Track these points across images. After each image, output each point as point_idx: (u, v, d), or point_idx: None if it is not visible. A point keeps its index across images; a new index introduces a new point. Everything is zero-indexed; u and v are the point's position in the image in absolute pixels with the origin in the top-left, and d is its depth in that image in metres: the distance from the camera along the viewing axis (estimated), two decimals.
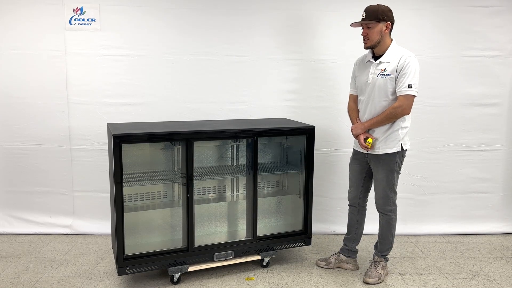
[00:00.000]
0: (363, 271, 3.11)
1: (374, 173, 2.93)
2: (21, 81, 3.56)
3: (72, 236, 3.70)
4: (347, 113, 3.14)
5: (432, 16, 3.66)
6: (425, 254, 3.47)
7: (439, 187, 3.88)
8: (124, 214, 2.72)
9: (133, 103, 3.62)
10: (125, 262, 2.74)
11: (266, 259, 3.15)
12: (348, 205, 3.22)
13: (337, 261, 3.20)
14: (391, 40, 2.86)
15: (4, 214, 3.75)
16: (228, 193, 3.40)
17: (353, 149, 3.11)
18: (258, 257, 3.10)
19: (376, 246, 3.09)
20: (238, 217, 3.34)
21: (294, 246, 3.23)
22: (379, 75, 2.77)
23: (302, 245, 3.26)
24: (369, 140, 2.83)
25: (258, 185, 3.12)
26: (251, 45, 3.65)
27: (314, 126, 3.20)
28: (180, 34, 3.59)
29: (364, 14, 2.78)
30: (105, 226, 3.68)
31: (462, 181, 3.88)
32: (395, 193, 2.94)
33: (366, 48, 2.85)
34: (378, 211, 2.98)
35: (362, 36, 2.83)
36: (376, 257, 3.05)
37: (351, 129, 2.96)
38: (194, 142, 2.84)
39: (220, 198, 3.37)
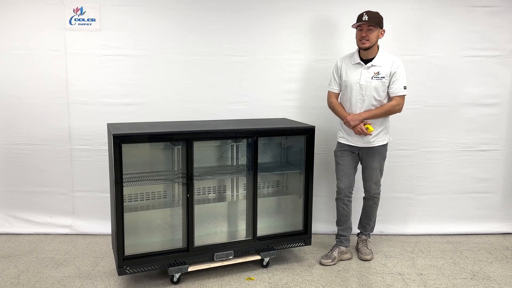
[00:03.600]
0: (362, 268, 3.13)
1: (369, 163, 3.22)
2: (21, 81, 3.56)
3: (72, 236, 3.70)
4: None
5: (432, 16, 3.66)
6: (425, 254, 3.47)
7: (439, 187, 3.88)
8: (124, 214, 2.72)
9: (133, 103, 3.62)
10: (125, 262, 2.75)
11: (266, 259, 3.15)
12: (339, 197, 3.31)
13: (339, 254, 3.30)
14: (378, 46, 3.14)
15: (4, 214, 3.75)
16: (228, 193, 3.40)
17: (340, 142, 3.29)
18: (258, 257, 3.10)
19: (364, 227, 3.42)
20: (238, 217, 3.34)
21: (294, 246, 3.23)
22: (373, 78, 3.06)
23: (302, 245, 3.26)
24: (369, 126, 3.07)
25: (258, 185, 3.12)
26: (251, 45, 3.65)
27: (314, 126, 3.21)
28: (180, 34, 3.59)
29: (367, 17, 2.99)
30: (105, 226, 3.68)
31: (462, 181, 3.88)
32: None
33: (364, 48, 3.05)
34: (370, 196, 3.30)
35: (361, 37, 3.03)
36: (364, 236, 3.42)
37: (348, 120, 3.10)
38: (194, 142, 2.84)
39: (220, 198, 3.37)
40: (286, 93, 3.72)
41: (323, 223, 3.85)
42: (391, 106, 3.07)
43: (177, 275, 2.89)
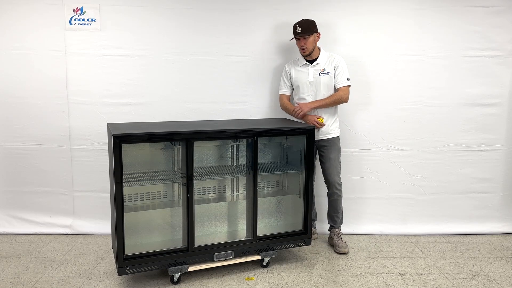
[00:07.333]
0: (362, 268, 3.13)
1: (327, 154, 3.43)
2: (21, 81, 3.56)
3: (72, 236, 3.70)
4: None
5: (432, 16, 3.66)
6: (425, 254, 3.47)
7: (439, 187, 3.88)
8: (124, 214, 2.72)
9: (133, 103, 3.62)
10: (125, 262, 2.74)
11: (266, 259, 3.15)
12: None
13: (314, 231, 3.73)
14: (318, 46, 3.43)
15: (4, 214, 3.75)
16: (228, 193, 3.40)
17: None
18: (258, 257, 3.10)
19: (333, 221, 3.54)
20: (238, 217, 3.34)
21: (294, 246, 3.23)
22: (320, 74, 3.36)
23: (302, 245, 3.25)
24: (320, 119, 3.35)
25: (258, 185, 3.12)
26: (251, 45, 3.65)
27: (314, 126, 3.21)
28: (180, 34, 3.59)
29: (300, 29, 3.28)
30: (105, 226, 3.68)
31: (462, 181, 3.88)
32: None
33: (306, 55, 3.36)
34: (333, 188, 3.44)
35: (300, 46, 3.32)
36: (336, 230, 3.54)
37: (299, 106, 3.34)
38: (194, 142, 2.84)
39: (220, 198, 3.37)
40: None
41: (324, 223, 3.84)
42: (338, 96, 3.34)
43: (177, 275, 2.89)
